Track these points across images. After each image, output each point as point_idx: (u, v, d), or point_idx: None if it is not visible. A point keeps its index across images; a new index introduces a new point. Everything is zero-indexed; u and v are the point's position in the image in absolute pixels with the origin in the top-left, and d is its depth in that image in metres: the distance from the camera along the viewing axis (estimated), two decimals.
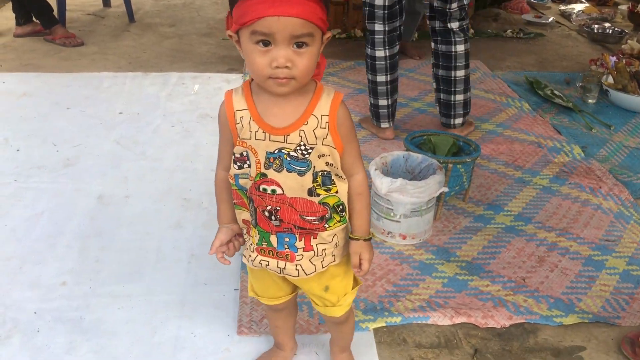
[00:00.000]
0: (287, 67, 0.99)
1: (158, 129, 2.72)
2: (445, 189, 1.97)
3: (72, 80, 3.23)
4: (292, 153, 1.08)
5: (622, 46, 3.93)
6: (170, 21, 4.45)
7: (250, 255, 1.22)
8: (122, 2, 4.35)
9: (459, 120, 2.69)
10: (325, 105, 1.08)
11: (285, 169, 1.09)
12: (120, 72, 3.38)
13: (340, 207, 1.15)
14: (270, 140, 1.08)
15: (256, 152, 1.10)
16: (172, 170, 2.38)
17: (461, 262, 1.90)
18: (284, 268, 1.18)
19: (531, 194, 2.30)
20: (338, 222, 1.16)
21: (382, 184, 1.88)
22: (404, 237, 1.96)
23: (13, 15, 3.93)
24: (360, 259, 1.19)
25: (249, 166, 1.12)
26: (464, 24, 2.55)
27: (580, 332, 1.64)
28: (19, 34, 3.89)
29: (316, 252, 1.17)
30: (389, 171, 2.05)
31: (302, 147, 1.08)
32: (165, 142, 2.60)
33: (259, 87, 1.08)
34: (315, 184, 1.11)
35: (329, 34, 1.05)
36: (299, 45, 0.99)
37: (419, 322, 1.64)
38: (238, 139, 1.11)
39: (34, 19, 3.90)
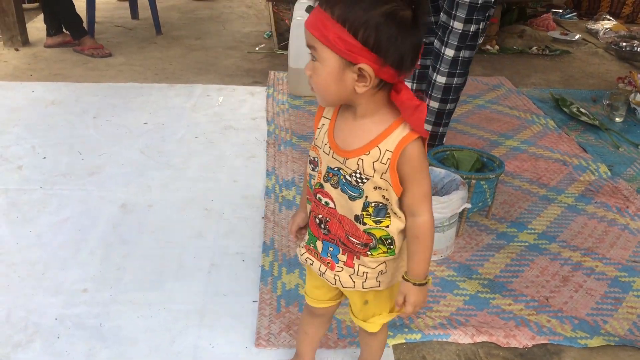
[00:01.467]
0: (307, 74, 1.02)
1: (182, 139, 2.74)
2: (468, 205, 1.95)
3: (99, 90, 3.28)
4: (347, 177, 1.07)
5: None
6: (197, 34, 4.51)
7: (300, 250, 1.24)
8: (150, 14, 4.42)
9: (427, 127, 2.44)
10: (394, 141, 1.03)
11: (339, 187, 1.09)
12: (146, 82, 3.43)
13: (389, 240, 1.12)
14: (332, 157, 1.08)
15: (322, 162, 1.11)
16: (195, 180, 2.39)
17: (483, 280, 1.87)
18: (324, 273, 1.19)
19: (556, 212, 2.26)
20: (385, 252, 1.13)
21: None
22: None
23: (44, 26, 4.02)
24: (405, 301, 1.14)
25: (316, 172, 1.13)
26: (457, 55, 2.28)
27: (606, 355, 1.60)
28: (49, 45, 3.97)
29: (356, 271, 1.15)
30: None
31: (357, 175, 1.06)
32: (189, 152, 2.63)
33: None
34: (364, 213, 1.08)
35: (363, 65, 0.96)
36: (312, 56, 1.00)
37: (439, 339, 1.61)
38: (313, 144, 1.13)
39: (64, 30, 3.98)
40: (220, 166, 2.51)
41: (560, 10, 5.38)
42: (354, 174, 1.06)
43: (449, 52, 2.29)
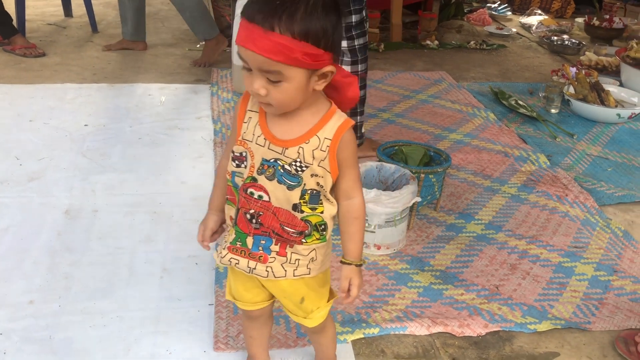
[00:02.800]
0: (262, 94, 1.01)
1: (126, 141, 2.67)
2: (418, 199, 1.99)
3: (35, 91, 3.14)
4: (287, 167, 1.08)
5: (580, 57, 4.06)
6: None
7: (221, 252, 1.21)
8: (85, 11, 4.27)
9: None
10: (332, 129, 1.08)
11: (276, 179, 1.09)
12: (84, 83, 3.31)
13: (322, 226, 1.15)
14: (268, 149, 1.09)
15: (253, 155, 1.10)
16: (141, 183, 2.33)
17: (435, 272, 1.91)
18: (254, 268, 1.18)
19: (500, 202, 2.34)
20: (317, 239, 1.16)
21: None
22: (379, 248, 1.96)
23: None
24: (350, 284, 1.19)
25: (245, 167, 1.12)
26: (353, 44, 2.37)
27: (553, 338, 1.67)
28: None
29: (289, 259, 1.17)
30: (363, 182, 2.06)
31: (297, 164, 1.08)
32: (133, 154, 2.55)
33: None
34: (302, 201, 1.11)
35: (327, 68, 1.02)
36: (271, 79, 0.99)
37: (397, 332, 1.64)
38: (240, 139, 1.12)
39: None
40: (166, 167, 2.46)
41: (495, 5, 5.55)
42: (293, 163, 1.08)
43: (344, 44, 2.36)
